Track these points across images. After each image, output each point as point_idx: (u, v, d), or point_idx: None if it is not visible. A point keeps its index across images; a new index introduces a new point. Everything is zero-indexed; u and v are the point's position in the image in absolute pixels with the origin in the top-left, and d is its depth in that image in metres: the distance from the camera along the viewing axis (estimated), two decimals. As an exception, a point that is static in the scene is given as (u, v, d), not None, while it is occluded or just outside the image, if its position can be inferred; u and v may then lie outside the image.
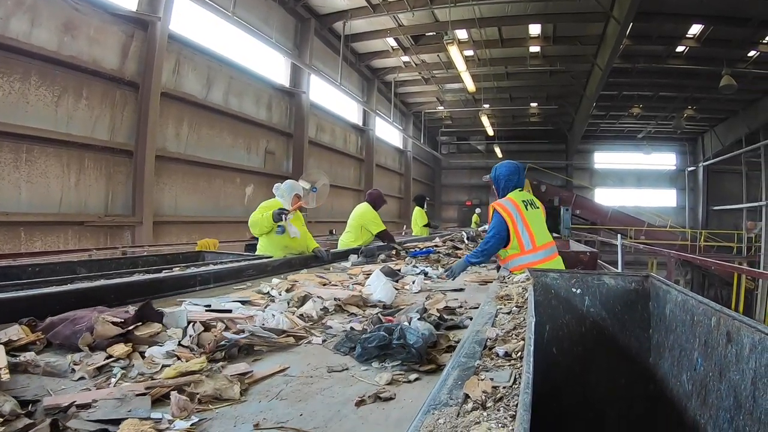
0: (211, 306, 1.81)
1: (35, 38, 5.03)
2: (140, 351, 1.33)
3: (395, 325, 1.48)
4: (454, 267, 2.92)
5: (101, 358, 1.26)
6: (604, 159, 22.54)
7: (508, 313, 1.48)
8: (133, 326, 1.43)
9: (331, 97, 12.09)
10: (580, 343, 1.80)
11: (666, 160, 21.82)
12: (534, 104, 17.86)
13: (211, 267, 2.77)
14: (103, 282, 2.08)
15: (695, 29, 10.91)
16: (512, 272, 2.44)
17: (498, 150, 20.89)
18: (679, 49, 11.86)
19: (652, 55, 12.31)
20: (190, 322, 1.51)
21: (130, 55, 6.20)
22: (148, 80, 6.27)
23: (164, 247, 5.95)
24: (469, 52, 12.66)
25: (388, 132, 16.86)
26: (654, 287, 1.74)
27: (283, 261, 3.30)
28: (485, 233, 3.06)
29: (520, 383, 0.84)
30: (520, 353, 1.03)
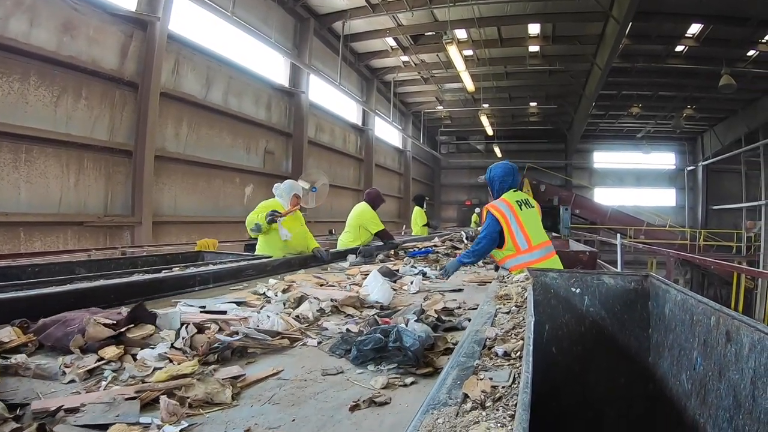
0: (205, 307, 1.79)
1: (34, 38, 5.02)
2: (132, 353, 1.32)
3: (392, 327, 1.45)
4: (447, 266, 2.97)
5: (92, 360, 1.24)
6: (603, 158, 22.53)
7: (508, 312, 1.47)
8: (125, 328, 1.41)
9: (331, 96, 12.07)
10: (580, 343, 1.80)
11: (665, 159, 21.80)
12: (533, 104, 17.83)
13: (211, 267, 2.77)
14: (102, 282, 2.07)
15: (694, 29, 10.90)
16: (511, 272, 2.43)
17: (497, 149, 20.88)
18: (679, 48, 11.85)
19: (651, 54, 12.29)
20: (183, 324, 1.49)
21: (130, 55, 6.18)
22: (147, 80, 6.26)
23: (164, 247, 5.94)
24: (469, 52, 12.64)
25: (388, 132, 16.85)
26: (653, 287, 1.73)
27: (283, 261, 3.30)
28: None
29: (519, 383, 0.83)
30: (519, 353, 1.02)
